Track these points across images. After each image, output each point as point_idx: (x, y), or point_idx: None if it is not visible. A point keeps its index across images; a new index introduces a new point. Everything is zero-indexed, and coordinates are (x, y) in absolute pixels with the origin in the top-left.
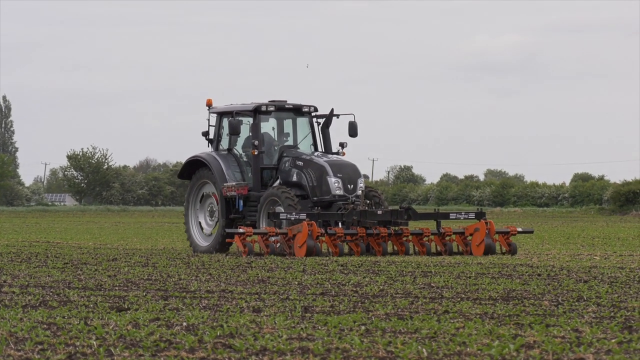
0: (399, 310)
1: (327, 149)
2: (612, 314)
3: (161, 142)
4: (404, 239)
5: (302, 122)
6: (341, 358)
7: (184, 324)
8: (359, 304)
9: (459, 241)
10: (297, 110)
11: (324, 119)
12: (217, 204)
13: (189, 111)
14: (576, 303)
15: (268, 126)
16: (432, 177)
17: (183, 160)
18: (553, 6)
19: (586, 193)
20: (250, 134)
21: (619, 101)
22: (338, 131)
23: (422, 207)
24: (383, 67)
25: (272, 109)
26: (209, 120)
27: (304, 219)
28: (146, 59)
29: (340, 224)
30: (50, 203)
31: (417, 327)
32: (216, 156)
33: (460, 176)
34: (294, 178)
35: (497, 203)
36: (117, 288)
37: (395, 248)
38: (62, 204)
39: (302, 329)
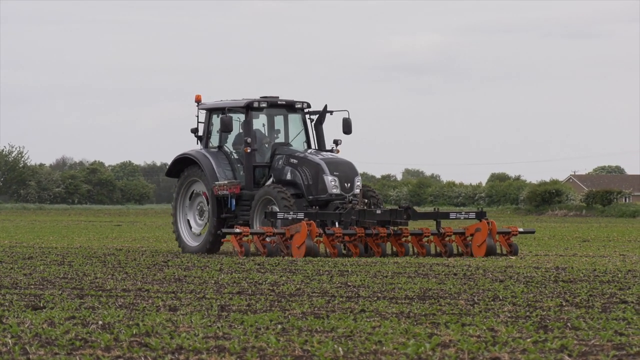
0: (316, 309)
1: (321, 147)
2: (527, 313)
3: (78, 140)
4: (404, 239)
5: (294, 118)
6: (257, 357)
7: (100, 322)
8: (276, 303)
9: (459, 242)
10: (289, 107)
11: (317, 116)
12: (207, 203)
13: (106, 110)
14: (492, 302)
15: (258, 122)
16: None
17: (101, 159)
18: (471, 7)
19: (502, 193)
20: (241, 131)
21: (535, 102)
22: (329, 128)
23: None
24: (301, 67)
25: (264, 105)
26: (197, 116)
27: (302, 219)
28: (63, 57)
29: (337, 223)
30: None
31: (334, 326)
32: (206, 154)
33: (378, 175)
34: (288, 176)
35: (414, 202)
36: (32, 286)
37: (395, 249)
38: None
39: (218, 327)
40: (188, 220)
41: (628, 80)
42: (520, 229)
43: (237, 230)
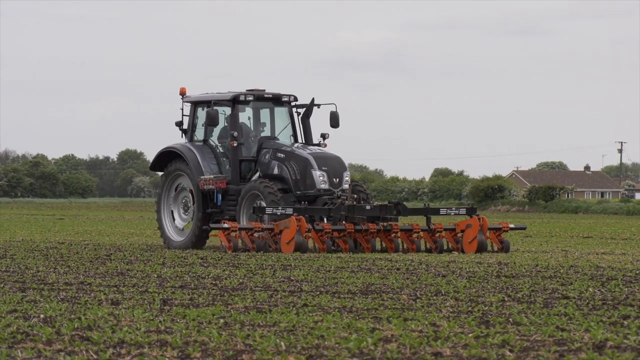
0: (258, 303)
1: (308, 141)
2: (469, 308)
3: (20, 133)
4: (393, 235)
5: (280, 112)
6: (199, 351)
7: (42, 316)
8: (218, 297)
9: (449, 238)
10: (275, 100)
11: (304, 109)
12: (193, 198)
13: (49, 103)
14: (434, 297)
15: (244, 116)
16: None
17: (44, 152)
18: (416, 4)
19: (446, 188)
20: (227, 125)
21: (479, 98)
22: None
23: None
24: (248, 62)
25: (250, 98)
26: (182, 109)
27: (291, 214)
28: (5, 50)
29: (325, 219)
30: None
31: (276, 321)
32: (191, 147)
33: None
34: (275, 171)
35: None
36: None
37: (384, 245)
38: None
39: (160, 321)
40: (173, 216)
41: (572, 77)
42: (512, 225)
43: (226, 226)
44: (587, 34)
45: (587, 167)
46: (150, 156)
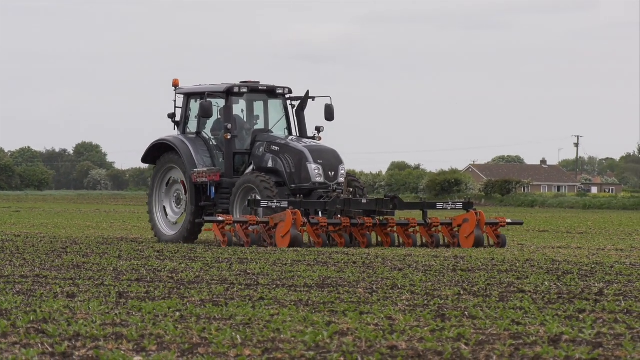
0: (214, 296)
1: (302, 133)
2: (425, 302)
3: None
4: (389, 229)
5: (274, 104)
6: (155, 344)
7: None
8: (175, 290)
9: (445, 233)
10: (270, 92)
11: (298, 102)
12: (185, 191)
13: (5, 96)
14: (390, 291)
15: (237, 108)
16: None
17: (0, 144)
18: None
19: (402, 182)
20: (220, 117)
21: (435, 91)
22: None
23: None
24: (201, 54)
25: (244, 90)
26: (175, 101)
27: (286, 208)
28: None
29: (320, 213)
30: None
31: (232, 314)
32: (184, 140)
33: None
34: (269, 164)
35: None
36: None
37: (380, 239)
38: None
39: (116, 314)
40: (164, 208)
41: (527, 71)
42: (509, 220)
43: (220, 219)
44: (543, 28)
45: (543, 161)
46: (106, 149)
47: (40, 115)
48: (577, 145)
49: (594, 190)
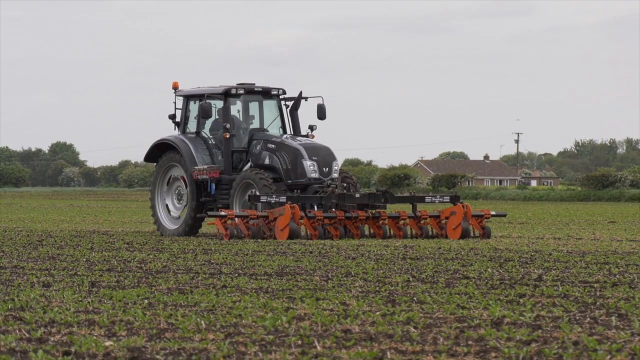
0: (181, 285)
1: (296, 132)
2: (377, 288)
3: None
4: (381, 222)
5: (269, 104)
6: (125, 330)
7: None
8: (143, 279)
9: (434, 224)
10: (265, 93)
11: (292, 102)
12: (186, 187)
13: None
14: (344, 278)
15: (234, 109)
16: None
17: None
18: (325, 4)
19: (356, 177)
20: (218, 117)
21: (386, 92)
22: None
23: None
24: (162, 60)
25: (241, 91)
26: (175, 103)
27: (284, 202)
28: None
29: (316, 207)
30: None
31: (197, 301)
32: (185, 139)
33: None
34: (266, 161)
35: None
36: None
37: (372, 231)
38: None
39: (89, 302)
40: (167, 205)
41: (472, 72)
42: (493, 212)
43: (222, 213)
44: (484, 32)
45: (486, 157)
46: (80, 148)
47: (17, 116)
48: (517, 141)
49: (534, 183)
